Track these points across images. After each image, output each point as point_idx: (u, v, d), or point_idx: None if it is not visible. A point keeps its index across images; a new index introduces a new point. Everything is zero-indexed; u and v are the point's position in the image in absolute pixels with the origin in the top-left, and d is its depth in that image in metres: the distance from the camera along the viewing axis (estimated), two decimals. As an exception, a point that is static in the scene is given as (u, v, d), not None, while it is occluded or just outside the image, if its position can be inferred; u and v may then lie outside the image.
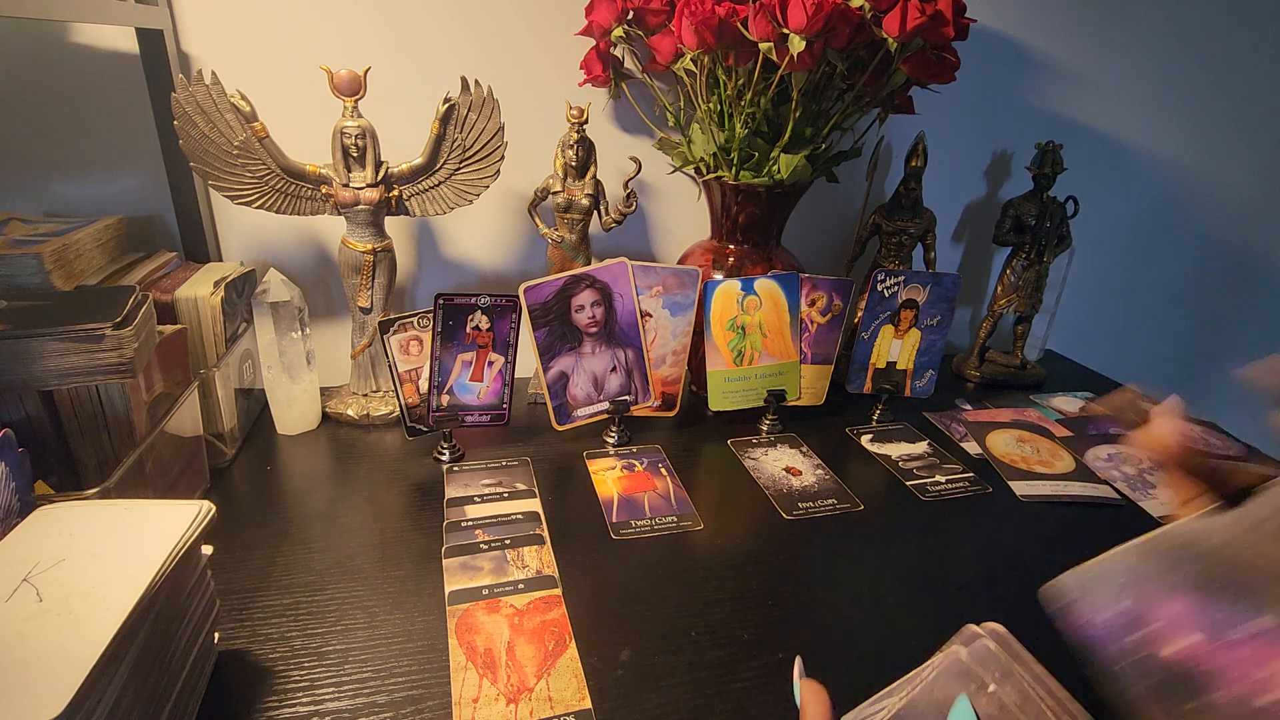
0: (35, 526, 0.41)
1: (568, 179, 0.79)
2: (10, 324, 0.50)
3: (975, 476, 0.77)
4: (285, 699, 0.46)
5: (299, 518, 0.64)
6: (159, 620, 0.39)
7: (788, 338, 0.82)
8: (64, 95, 0.73)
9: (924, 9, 0.66)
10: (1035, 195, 0.97)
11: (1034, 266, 0.99)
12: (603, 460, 0.76)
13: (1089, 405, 0.93)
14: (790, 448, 0.81)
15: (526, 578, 0.57)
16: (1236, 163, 1.18)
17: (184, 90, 0.64)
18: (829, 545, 0.65)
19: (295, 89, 0.75)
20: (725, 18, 0.67)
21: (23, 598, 0.35)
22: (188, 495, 0.63)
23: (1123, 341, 1.29)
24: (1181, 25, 1.05)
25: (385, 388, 0.83)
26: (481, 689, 0.47)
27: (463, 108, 0.72)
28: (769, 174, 0.77)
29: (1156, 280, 1.25)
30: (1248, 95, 1.13)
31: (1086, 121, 1.08)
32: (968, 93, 0.93)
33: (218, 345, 0.70)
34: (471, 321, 0.72)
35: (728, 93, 0.74)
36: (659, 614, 0.55)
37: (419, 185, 0.75)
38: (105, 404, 0.55)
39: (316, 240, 0.85)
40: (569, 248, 0.82)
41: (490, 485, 0.70)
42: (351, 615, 0.53)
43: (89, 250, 0.66)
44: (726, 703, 0.48)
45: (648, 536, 0.64)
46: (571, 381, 0.76)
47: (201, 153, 0.67)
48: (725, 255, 0.85)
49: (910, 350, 0.86)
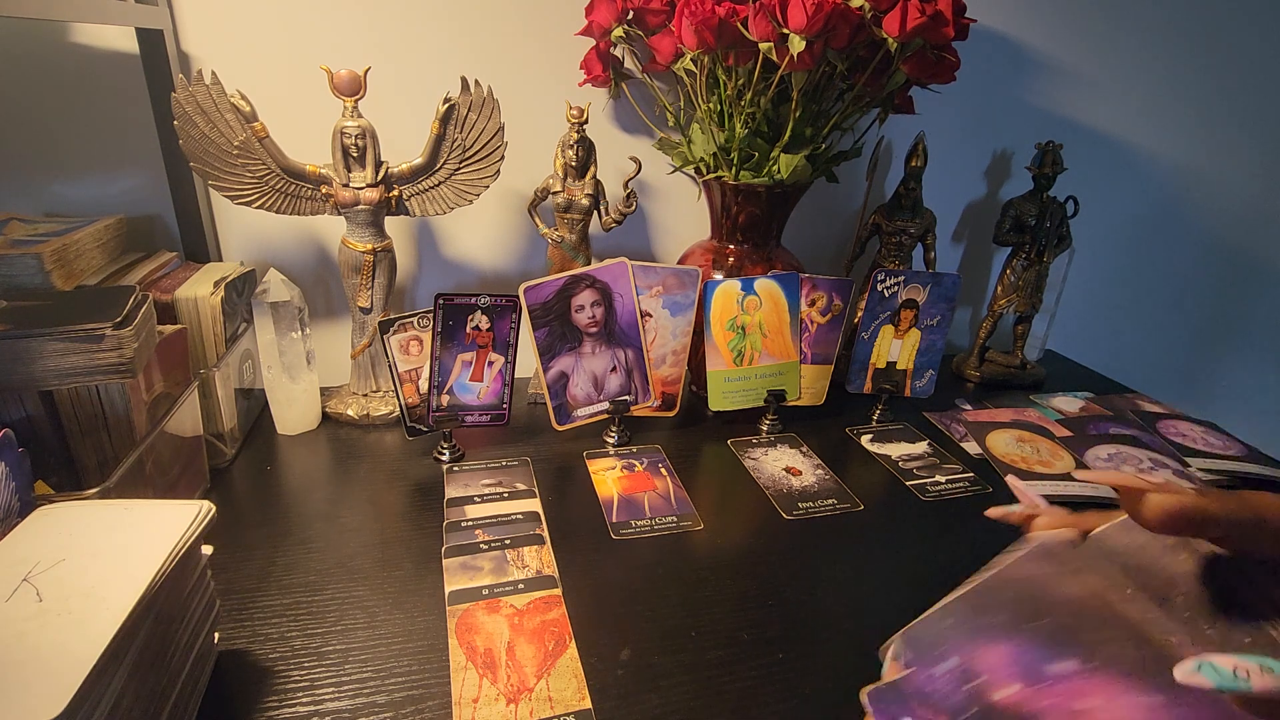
0: (35, 526, 0.41)
1: (568, 179, 0.79)
2: (10, 324, 0.50)
3: (975, 476, 0.77)
4: (285, 699, 0.46)
5: (299, 518, 0.64)
6: (159, 620, 0.39)
7: (788, 338, 0.82)
8: (64, 95, 0.73)
9: (924, 9, 0.66)
10: (1035, 195, 0.97)
11: (1034, 266, 0.99)
12: (603, 460, 0.76)
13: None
14: (790, 448, 0.81)
15: (526, 578, 0.57)
16: (1236, 163, 1.18)
17: (184, 90, 0.64)
18: (829, 545, 0.65)
19: (295, 89, 0.75)
20: (725, 18, 0.67)
21: (23, 598, 0.35)
22: (188, 495, 0.64)
23: (1123, 341, 1.29)
24: (1182, 25, 1.05)
25: (385, 388, 0.83)
26: (481, 689, 0.47)
27: (463, 108, 0.72)
28: (769, 174, 0.77)
29: (1156, 280, 1.26)
30: (1248, 95, 1.13)
31: (1086, 121, 1.08)
32: (968, 93, 0.93)
33: (218, 345, 0.70)
34: (471, 321, 0.72)
35: (728, 93, 0.74)
36: (659, 614, 0.55)
37: (419, 185, 0.75)
38: (105, 404, 0.55)
39: (316, 240, 0.85)
40: (569, 248, 0.82)
41: (490, 485, 0.70)
42: (351, 615, 0.53)
43: (89, 250, 0.66)
44: (726, 703, 0.48)
45: (648, 536, 0.64)
46: (571, 381, 0.76)
47: (201, 153, 0.67)
48: (725, 255, 0.85)
49: (910, 350, 0.86)
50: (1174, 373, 1.35)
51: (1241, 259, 1.28)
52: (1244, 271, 1.29)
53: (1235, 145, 1.17)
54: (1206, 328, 1.33)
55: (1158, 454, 0.82)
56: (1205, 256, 1.26)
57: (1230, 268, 1.28)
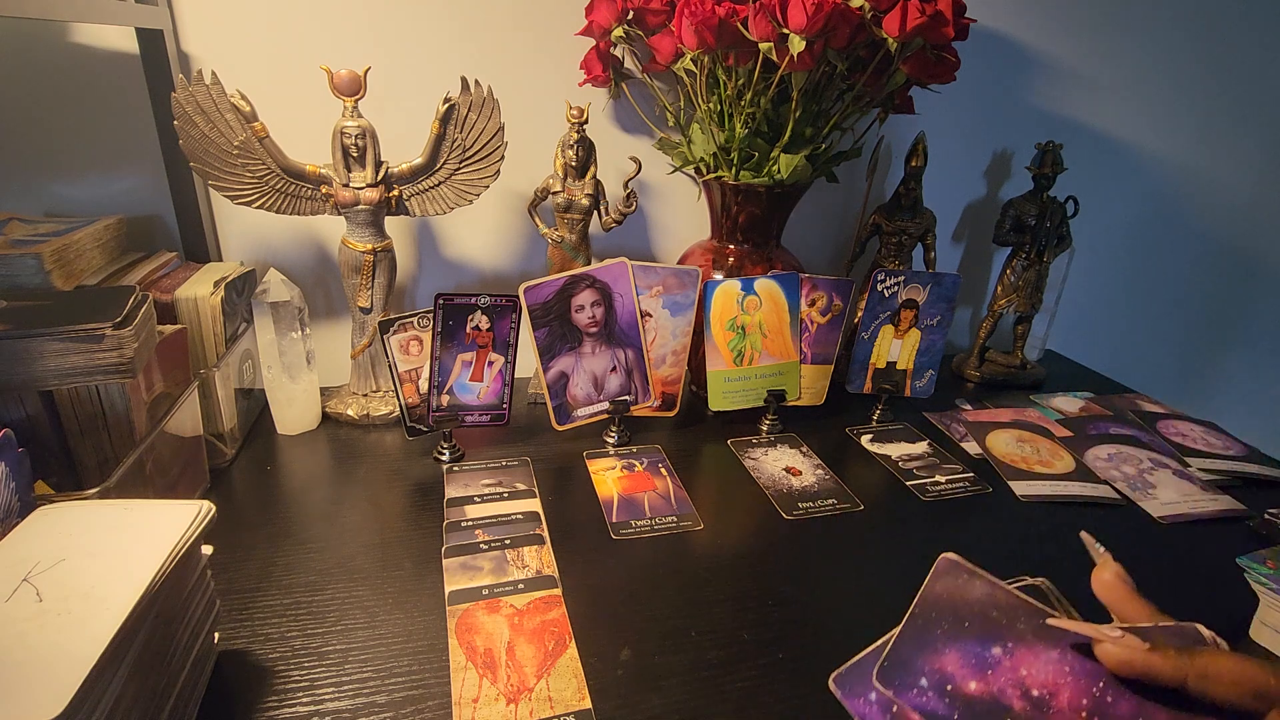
0: (35, 526, 0.41)
1: (568, 179, 0.79)
2: (10, 324, 0.50)
3: (975, 476, 0.77)
4: (285, 699, 0.46)
5: (299, 518, 0.64)
6: (159, 620, 0.39)
7: (788, 338, 0.82)
8: (64, 95, 0.73)
9: (924, 9, 0.66)
10: (1035, 195, 0.97)
11: (1034, 266, 0.99)
12: (603, 460, 0.76)
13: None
14: (790, 448, 0.81)
15: (526, 578, 0.57)
16: (1237, 163, 1.18)
17: (184, 90, 0.64)
18: (829, 545, 0.65)
19: (295, 89, 0.75)
20: (725, 18, 0.67)
21: (23, 598, 0.35)
22: (188, 495, 0.64)
23: (1123, 341, 1.29)
24: (1181, 25, 1.05)
25: (385, 388, 0.83)
26: (481, 689, 0.47)
27: (463, 108, 0.72)
28: (769, 174, 0.77)
29: (1156, 280, 1.26)
30: (1248, 95, 1.13)
31: (1086, 121, 1.08)
32: (968, 93, 0.93)
33: (218, 345, 0.70)
34: (471, 321, 0.72)
35: (728, 93, 0.74)
36: (659, 614, 0.55)
37: (419, 185, 0.75)
38: (105, 404, 0.55)
39: (316, 240, 0.85)
40: (569, 248, 0.82)
41: (490, 485, 0.70)
42: (351, 615, 0.53)
43: (89, 250, 0.66)
44: (726, 703, 0.48)
45: (648, 536, 0.64)
46: (571, 381, 0.76)
47: (201, 153, 0.67)
48: (725, 255, 0.85)
49: (910, 350, 0.86)
50: (1174, 373, 1.35)
51: (1241, 259, 1.28)
52: (1244, 271, 1.29)
53: (1235, 145, 1.17)
54: (1206, 328, 1.33)
55: (1158, 454, 0.82)
56: (1205, 256, 1.26)
57: (1230, 268, 1.28)
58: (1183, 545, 0.68)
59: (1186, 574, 0.64)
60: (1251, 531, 0.70)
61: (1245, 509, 0.73)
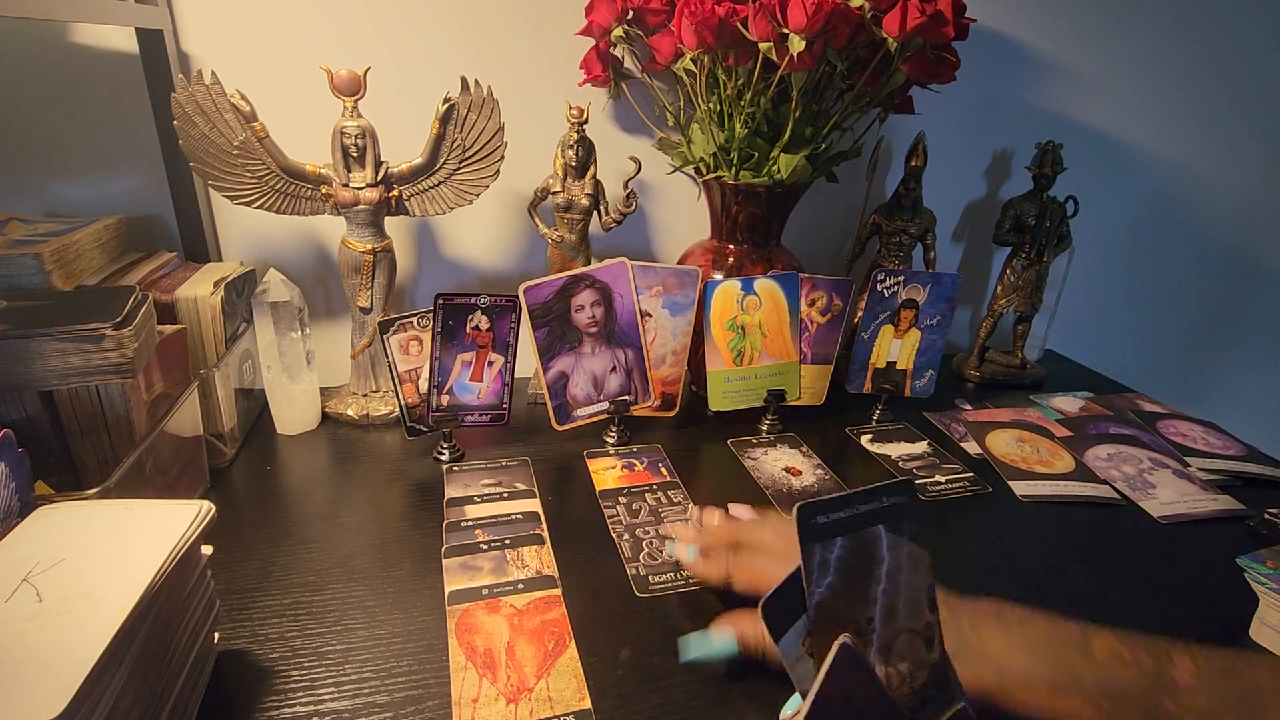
0: (35, 526, 0.41)
1: (568, 179, 0.79)
2: (10, 324, 0.50)
3: (975, 476, 0.77)
4: (285, 699, 0.46)
5: (299, 518, 0.64)
6: (159, 620, 0.39)
7: (788, 338, 0.82)
8: (64, 95, 0.73)
9: (924, 9, 0.66)
10: (1035, 195, 0.97)
11: (1034, 266, 0.98)
12: (603, 460, 0.76)
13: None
14: (790, 448, 0.81)
15: (526, 578, 0.57)
16: (1237, 163, 1.18)
17: (184, 90, 0.64)
18: (829, 545, 0.65)
19: (295, 89, 0.75)
20: (725, 18, 0.67)
21: (23, 598, 0.35)
22: (188, 495, 0.64)
23: (1123, 341, 1.29)
24: (1182, 25, 1.05)
25: (385, 388, 0.83)
26: (481, 689, 0.47)
27: (463, 108, 0.72)
28: (769, 174, 0.77)
29: (1156, 280, 1.25)
30: (1248, 95, 1.13)
31: (1086, 121, 1.08)
32: (968, 93, 0.93)
33: (218, 345, 0.70)
34: (471, 321, 0.72)
35: (728, 93, 0.74)
36: (659, 614, 0.55)
37: (419, 185, 0.75)
38: (105, 404, 0.55)
39: (316, 240, 0.85)
40: (569, 248, 0.82)
41: (490, 485, 0.70)
42: (351, 615, 0.53)
43: (89, 250, 0.66)
44: (727, 703, 0.48)
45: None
46: (571, 381, 0.76)
47: (201, 153, 0.67)
48: (725, 255, 0.85)
49: (910, 350, 0.86)
50: (1174, 373, 1.35)
51: (1241, 259, 1.27)
52: (1244, 271, 1.29)
53: (1235, 145, 1.17)
54: (1206, 328, 1.33)
55: (1157, 454, 0.82)
56: (1205, 256, 1.25)
57: (1230, 268, 1.28)
58: (1183, 545, 0.68)
59: (1186, 574, 0.64)
60: (1251, 531, 0.70)
61: (1245, 509, 0.73)
